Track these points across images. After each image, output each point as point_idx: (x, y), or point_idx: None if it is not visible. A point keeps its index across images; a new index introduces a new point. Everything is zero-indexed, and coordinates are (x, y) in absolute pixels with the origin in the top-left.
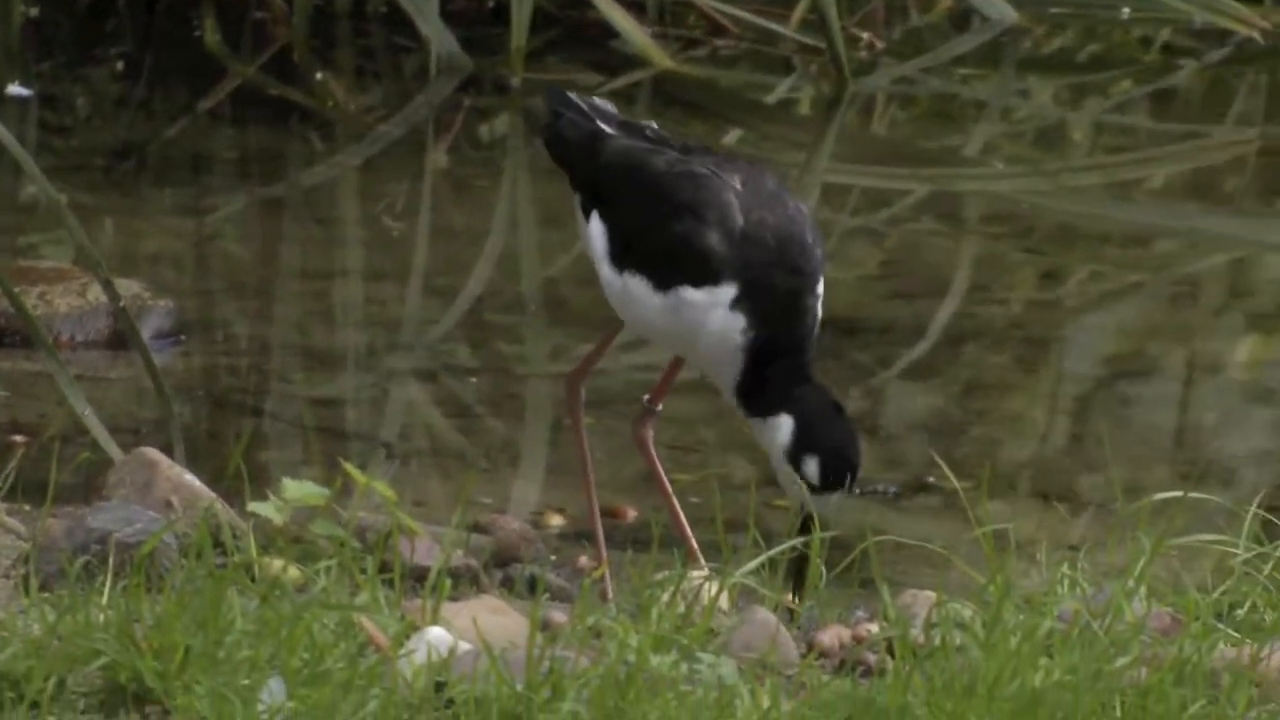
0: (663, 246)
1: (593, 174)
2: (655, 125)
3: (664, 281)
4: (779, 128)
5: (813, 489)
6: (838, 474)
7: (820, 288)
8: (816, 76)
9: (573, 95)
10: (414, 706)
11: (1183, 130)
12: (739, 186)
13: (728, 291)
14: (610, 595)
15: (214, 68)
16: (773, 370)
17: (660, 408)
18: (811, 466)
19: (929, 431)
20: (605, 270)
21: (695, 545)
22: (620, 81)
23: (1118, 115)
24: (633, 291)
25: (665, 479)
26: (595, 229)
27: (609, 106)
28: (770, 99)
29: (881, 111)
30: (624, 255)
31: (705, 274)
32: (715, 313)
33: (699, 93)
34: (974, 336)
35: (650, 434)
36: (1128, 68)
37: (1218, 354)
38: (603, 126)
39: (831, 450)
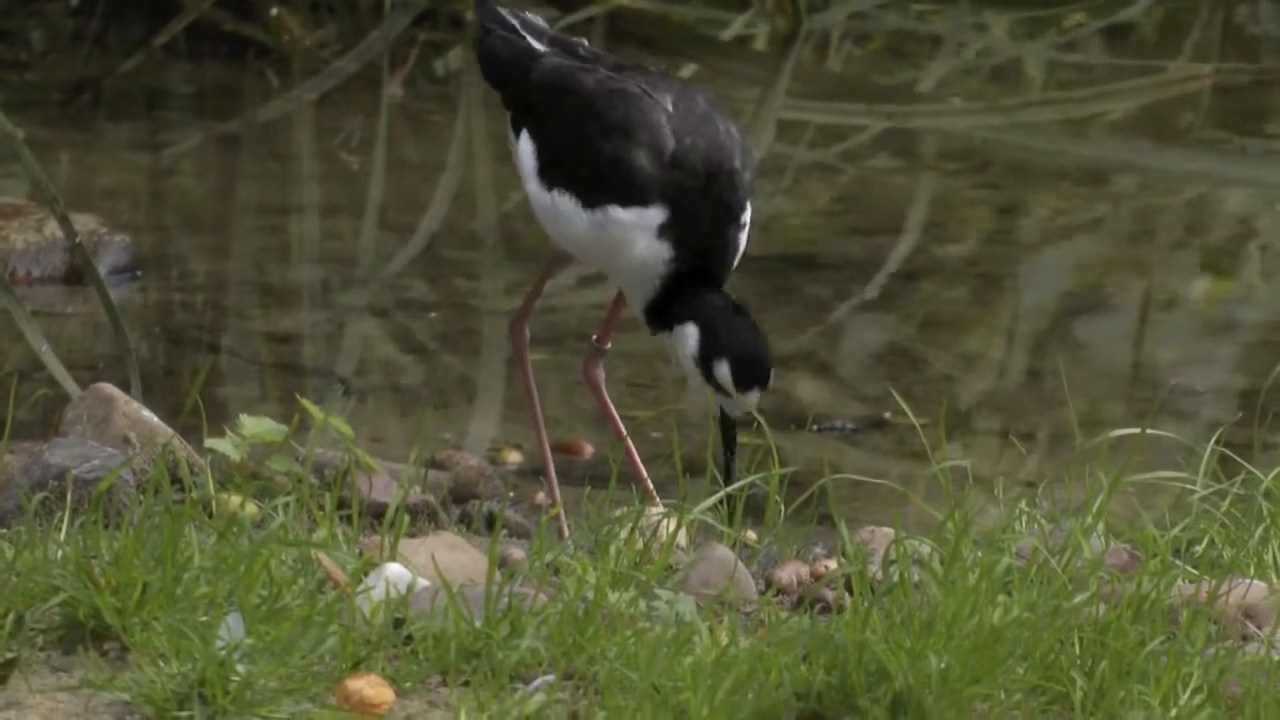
0: (592, 164)
1: (523, 91)
2: (587, 43)
3: (591, 199)
4: (734, 64)
5: (726, 392)
6: (749, 373)
7: (746, 217)
8: (772, 12)
9: (504, 11)
10: (372, 643)
11: (1138, 65)
12: (670, 108)
13: (655, 215)
14: (567, 534)
15: (169, 3)
16: (684, 292)
17: (609, 346)
18: (723, 370)
19: (886, 368)
20: (533, 186)
21: (650, 486)
22: (575, 16)
23: (1073, 51)
24: (560, 208)
25: (617, 418)
26: (525, 146)
27: (540, 22)
28: (725, 35)
29: (837, 48)
30: (553, 172)
31: (633, 194)
32: (641, 236)
33: (654, 28)
34: (930, 272)
35: (601, 373)
36: (1083, 2)
37: (1174, 289)
38: (534, 44)
39: (739, 351)
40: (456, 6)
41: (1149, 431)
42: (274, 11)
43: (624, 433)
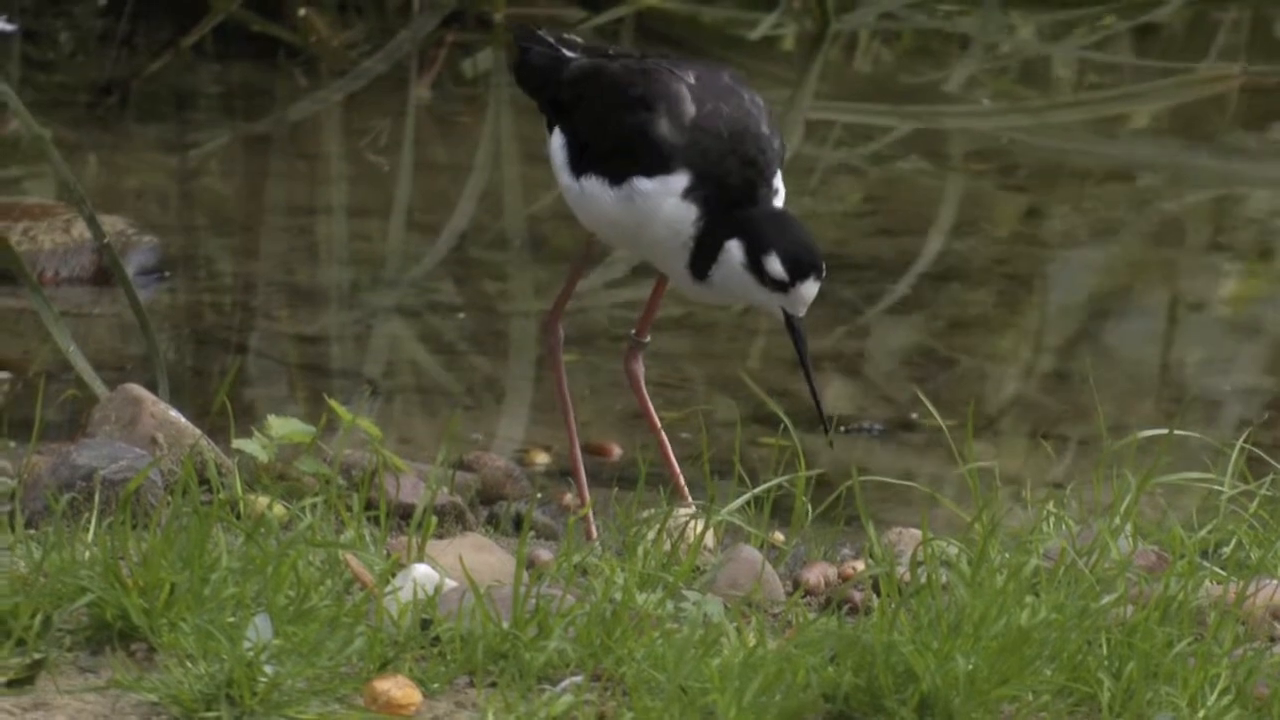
0: (615, 139)
1: (555, 89)
2: (617, 47)
3: (618, 175)
4: (762, 64)
5: (784, 287)
6: (800, 262)
7: (778, 180)
8: (800, 12)
9: (540, 32)
10: (400, 644)
11: (1166, 66)
12: (692, 80)
13: (680, 180)
14: (595, 535)
15: (197, 3)
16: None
17: (648, 339)
18: (774, 264)
19: (913, 369)
20: (565, 178)
21: (683, 483)
22: (604, 17)
23: (1101, 51)
24: (589, 191)
25: (654, 413)
26: (556, 141)
27: (574, 39)
28: (753, 35)
29: (865, 48)
30: (581, 158)
31: (656, 162)
32: (668, 202)
33: (682, 28)
34: (958, 273)
35: (641, 369)
36: (1111, 3)
37: (1202, 291)
38: (567, 53)
39: (786, 243)
40: (484, 8)
41: (1176, 432)
42: (302, 12)
43: (659, 428)
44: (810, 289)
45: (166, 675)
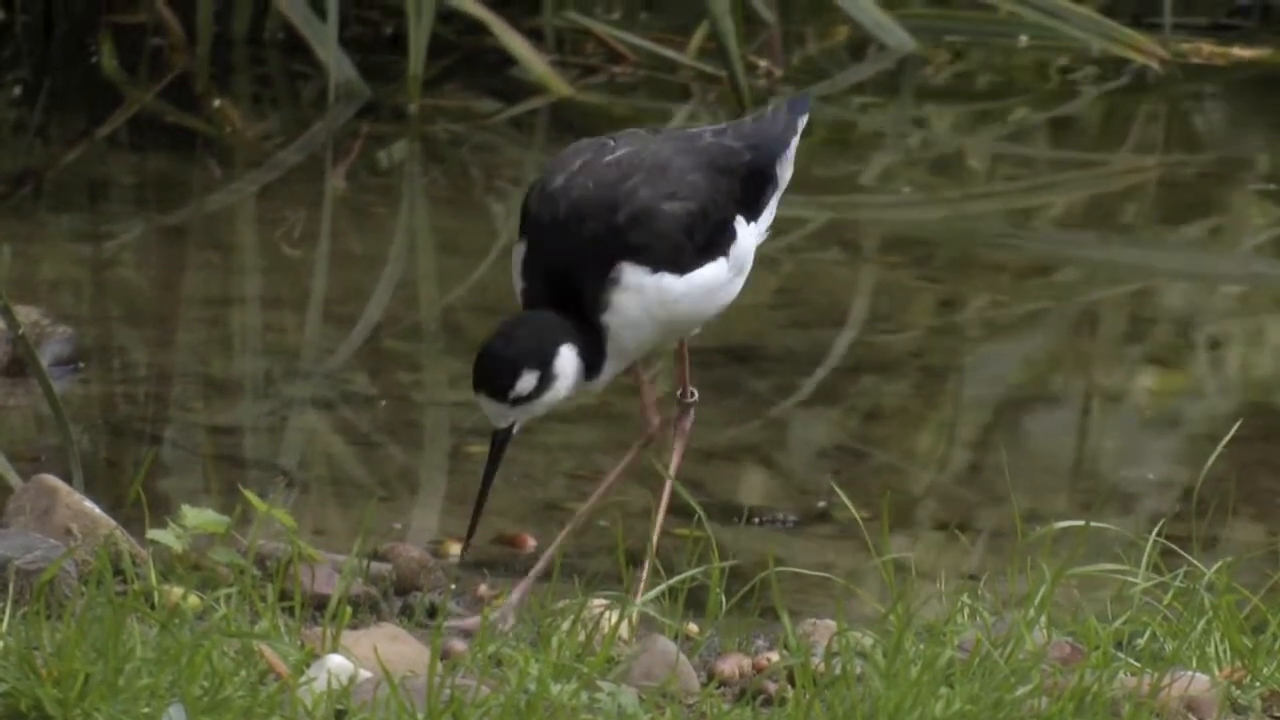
0: None
1: None
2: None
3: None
4: None
5: None
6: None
7: (629, 275)
8: (715, 104)
9: None
10: None
11: (1081, 158)
12: (609, 155)
13: (520, 250)
14: (508, 620)
15: (112, 94)
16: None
17: (694, 396)
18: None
19: (828, 460)
20: None
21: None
22: (518, 109)
23: (1016, 143)
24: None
25: (671, 482)
26: None
27: None
28: (668, 127)
29: None
30: None
31: (519, 228)
32: (516, 270)
33: (597, 120)
34: (872, 365)
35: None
36: (1025, 95)
37: (1117, 383)
38: None
39: (484, 347)
40: (399, 99)
41: (1091, 524)
42: (216, 103)
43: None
44: (478, 401)
45: None
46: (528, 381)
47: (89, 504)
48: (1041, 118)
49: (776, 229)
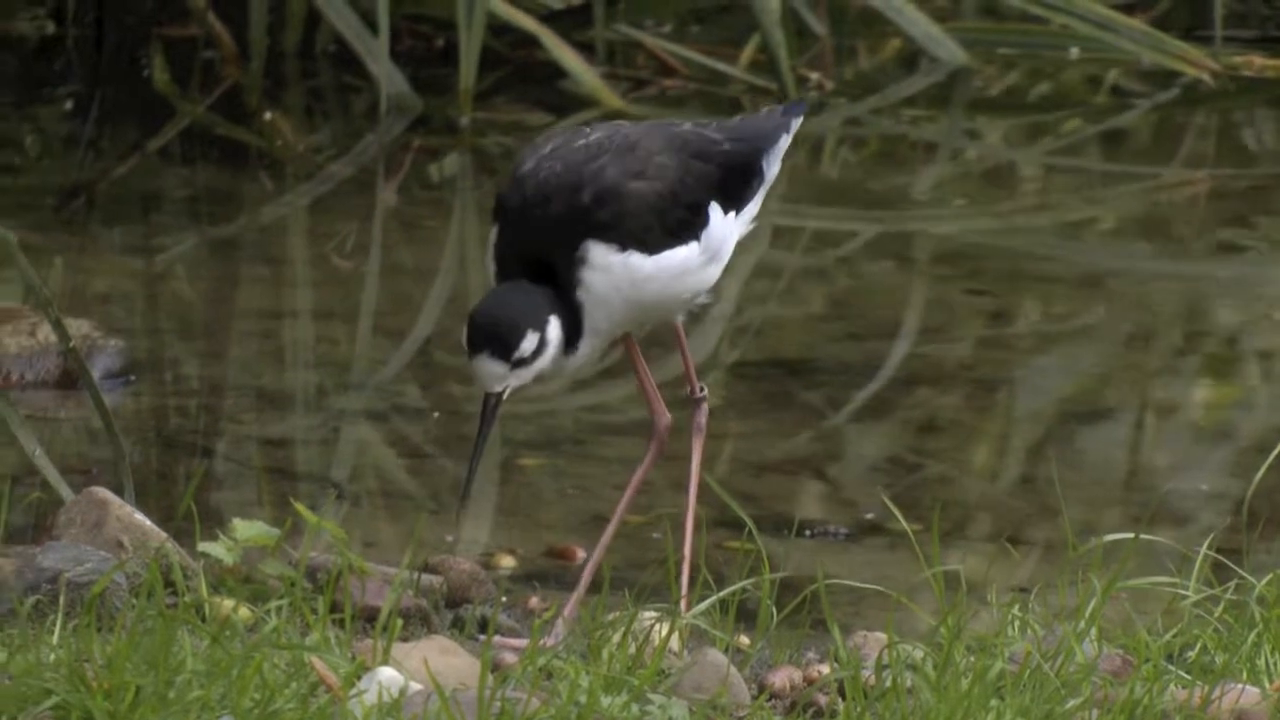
0: None
1: None
2: None
3: None
4: None
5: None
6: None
7: (597, 253)
8: None
9: None
10: None
11: (1132, 171)
12: (581, 140)
13: (493, 233)
14: (559, 635)
15: (163, 107)
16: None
17: (703, 392)
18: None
19: (879, 473)
20: None
21: (687, 553)
22: (569, 122)
23: (1067, 156)
24: None
25: (695, 482)
26: None
27: None
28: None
29: (831, 152)
30: None
31: (492, 213)
32: (489, 254)
33: None
34: (924, 378)
35: (703, 420)
36: (1077, 108)
37: (1169, 395)
38: None
39: (474, 311)
40: (450, 112)
41: (1142, 537)
42: (268, 116)
43: (694, 501)
44: (475, 364)
45: None
46: (531, 342)
47: (140, 516)
48: (1093, 130)
49: (828, 241)
